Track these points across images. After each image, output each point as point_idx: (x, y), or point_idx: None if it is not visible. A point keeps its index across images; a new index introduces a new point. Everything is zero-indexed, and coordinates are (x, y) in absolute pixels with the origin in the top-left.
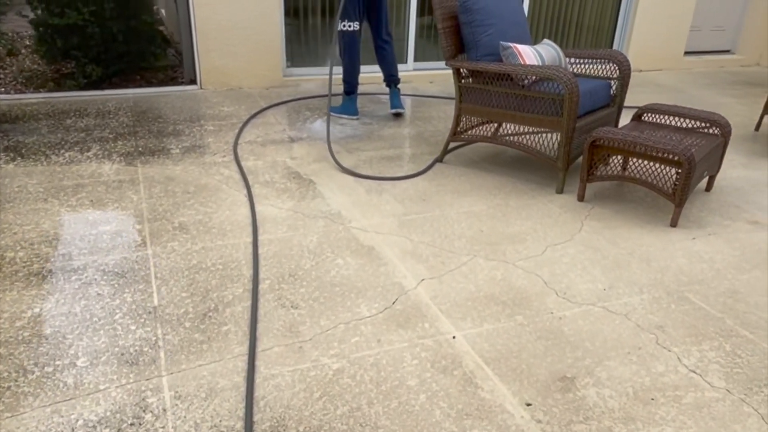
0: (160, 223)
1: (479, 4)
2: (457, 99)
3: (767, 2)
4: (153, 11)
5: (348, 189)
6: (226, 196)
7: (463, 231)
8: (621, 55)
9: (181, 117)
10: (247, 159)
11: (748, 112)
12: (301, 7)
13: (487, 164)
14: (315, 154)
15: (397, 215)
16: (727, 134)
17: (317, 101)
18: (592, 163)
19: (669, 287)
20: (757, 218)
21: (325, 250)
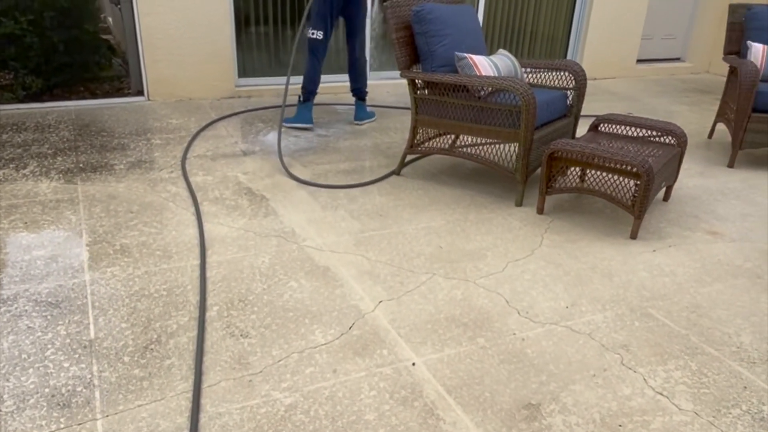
0: (100, 246)
1: (433, 13)
2: (413, 111)
3: (714, 12)
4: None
5: (303, 206)
6: (173, 215)
7: (422, 248)
8: (576, 65)
9: (127, 130)
10: (196, 174)
11: (701, 120)
12: (252, 16)
13: (445, 177)
14: (268, 168)
15: (353, 232)
16: (683, 144)
17: (271, 112)
18: (551, 175)
19: (632, 303)
20: (715, 228)
21: (277, 272)
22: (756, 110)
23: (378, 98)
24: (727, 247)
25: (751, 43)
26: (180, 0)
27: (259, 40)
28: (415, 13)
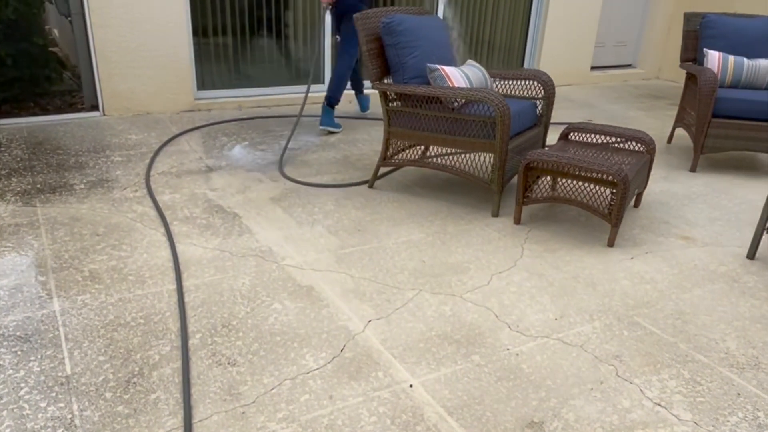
0: (68, 272)
1: (403, 25)
2: (385, 123)
3: (663, 20)
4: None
5: (278, 222)
6: (142, 237)
7: (405, 263)
8: (545, 75)
9: (84, 147)
10: (163, 192)
11: (658, 125)
12: (210, 27)
13: (418, 188)
14: (237, 184)
15: (333, 249)
16: (652, 151)
17: (233, 126)
18: (527, 185)
19: (618, 312)
20: (686, 233)
21: (259, 294)
22: (716, 116)
23: (343, 109)
24: (700, 251)
25: (707, 51)
26: (135, 11)
27: (217, 51)
28: (385, 24)
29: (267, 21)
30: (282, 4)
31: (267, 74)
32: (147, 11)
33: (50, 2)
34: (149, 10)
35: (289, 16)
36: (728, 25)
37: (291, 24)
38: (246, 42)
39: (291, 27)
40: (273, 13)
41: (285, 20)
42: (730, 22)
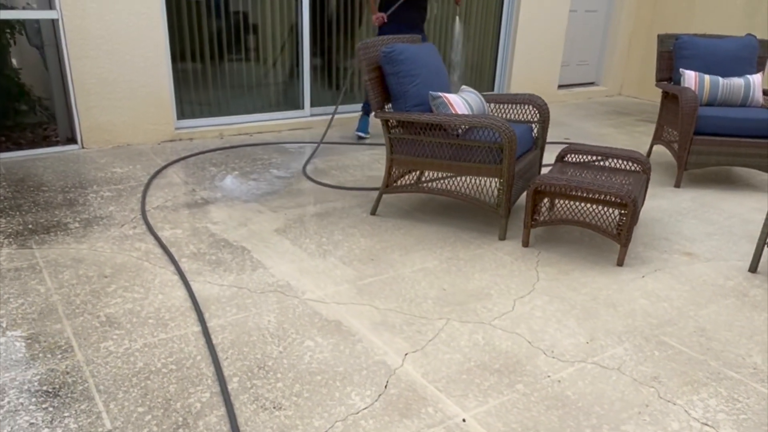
0: (83, 318)
1: (404, 54)
2: (387, 151)
3: (623, 38)
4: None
5: (289, 255)
6: (153, 276)
7: (426, 291)
8: (539, 99)
9: (69, 183)
10: (163, 228)
11: (632, 141)
12: (188, 54)
13: (420, 213)
14: (237, 216)
15: (351, 280)
16: (648, 170)
17: (219, 155)
18: (535, 209)
19: (644, 332)
20: (687, 249)
21: (288, 332)
22: (697, 133)
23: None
24: (705, 267)
25: (683, 71)
26: (113, 41)
27: (196, 79)
28: (385, 54)
29: (245, 47)
30: (260, 30)
31: (247, 101)
32: (126, 41)
33: (21, 34)
34: (128, 40)
35: (268, 42)
36: (701, 46)
37: (270, 50)
38: (225, 69)
39: (270, 53)
40: (251, 39)
41: (263, 46)
42: (703, 43)
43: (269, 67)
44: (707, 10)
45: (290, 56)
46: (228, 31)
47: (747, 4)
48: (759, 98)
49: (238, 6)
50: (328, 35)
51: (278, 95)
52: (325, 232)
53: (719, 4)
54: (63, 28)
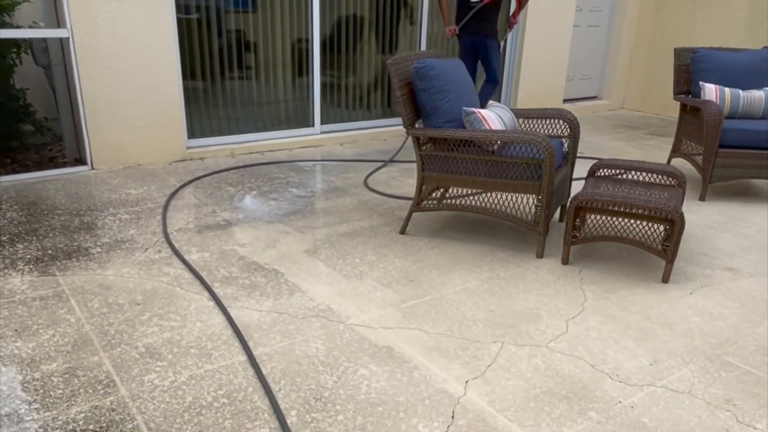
0: (121, 349)
1: (436, 69)
2: (418, 168)
3: (624, 52)
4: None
5: (324, 277)
6: (187, 303)
7: (473, 313)
8: (569, 114)
9: (84, 206)
10: (189, 252)
11: (645, 154)
12: (198, 72)
13: (450, 231)
14: (264, 238)
15: (394, 303)
16: (683, 185)
17: (234, 174)
18: (576, 225)
19: (705, 352)
20: (728, 264)
21: (339, 360)
22: (721, 146)
23: (336, 153)
24: (750, 282)
25: (703, 84)
26: (124, 60)
27: (206, 97)
28: (417, 69)
29: (255, 65)
30: (270, 47)
31: (257, 120)
32: (137, 60)
33: (26, 53)
34: (139, 58)
35: (278, 59)
36: (719, 59)
37: (279, 67)
38: (234, 87)
39: (280, 70)
40: (261, 56)
41: (273, 63)
42: (721, 56)
43: (279, 85)
44: (708, 23)
45: (300, 73)
46: (237, 48)
47: (749, 18)
48: None
49: (248, 23)
50: (338, 52)
51: (288, 113)
52: (357, 253)
53: (720, 17)
54: (73, 46)
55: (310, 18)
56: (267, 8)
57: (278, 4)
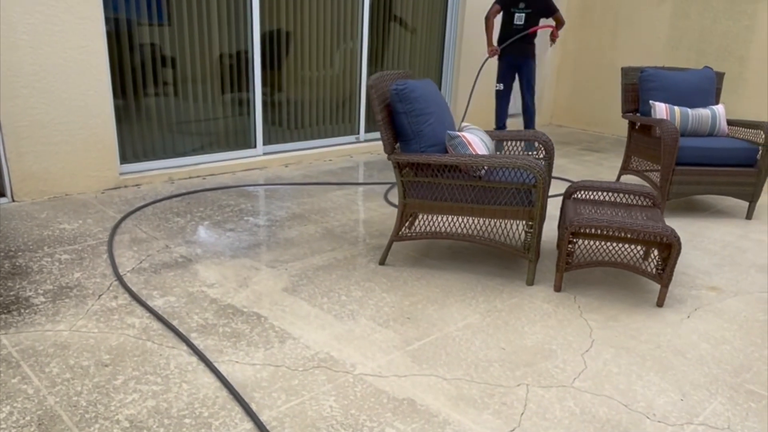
0: (100, 425)
1: (417, 92)
2: (400, 195)
3: (551, 70)
4: None
5: (313, 319)
6: (165, 360)
7: (485, 353)
8: (544, 135)
9: (11, 245)
10: (151, 296)
11: (588, 171)
12: (129, 88)
13: (431, 260)
14: (233, 275)
15: (398, 346)
16: (659, 204)
17: (178, 203)
18: (569, 251)
19: (726, 381)
20: (709, 283)
21: (359, 419)
22: (677, 164)
23: (282, 175)
24: (737, 302)
25: (654, 102)
26: (49, 78)
27: (139, 118)
28: (398, 91)
29: (192, 81)
30: (208, 62)
31: (195, 141)
32: (63, 78)
33: None
34: (65, 76)
35: (216, 75)
36: (666, 78)
37: (218, 84)
38: (170, 106)
39: (218, 87)
40: (198, 72)
41: (212, 80)
42: (667, 75)
43: (218, 103)
44: (630, 42)
45: (240, 89)
46: (173, 63)
47: (670, 37)
48: (725, 128)
49: (183, 36)
50: (278, 67)
51: (228, 133)
52: (340, 289)
53: (641, 36)
54: None
55: (250, 31)
56: (204, 20)
57: (215, 16)
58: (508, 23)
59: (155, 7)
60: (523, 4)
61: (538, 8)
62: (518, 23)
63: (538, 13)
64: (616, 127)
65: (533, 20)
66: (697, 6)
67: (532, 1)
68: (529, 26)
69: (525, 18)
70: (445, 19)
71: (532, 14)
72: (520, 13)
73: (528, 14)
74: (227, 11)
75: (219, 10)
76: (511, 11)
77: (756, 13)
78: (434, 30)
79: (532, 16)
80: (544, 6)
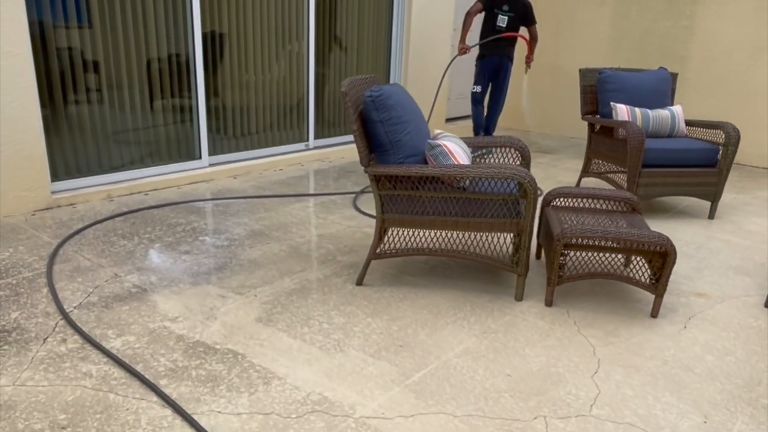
0: None
1: (393, 98)
2: (377, 210)
3: None
4: None
5: (296, 354)
6: (134, 416)
7: (491, 382)
8: (521, 142)
9: None
10: (106, 337)
11: (543, 173)
12: (58, 96)
13: (410, 277)
14: (197, 306)
15: (397, 380)
16: (639, 210)
17: (121, 223)
18: (561, 264)
19: (741, 396)
20: (695, 289)
21: None
22: (643, 165)
23: (232, 188)
24: (726, 308)
25: (615, 104)
26: None
27: (71, 129)
28: (374, 98)
29: (129, 88)
30: (145, 66)
31: (134, 153)
32: None
33: None
34: None
35: (154, 80)
36: (624, 80)
37: (158, 90)
38: (105, 115)
39: (158, 94)
40: (135, 78)
41: (151, 86)
42: (626, 77)
43: (157, 111)
44: (572, 43)
45: (182, 96)
46: (106, 67)
47: (611, 37)
48: (683, 128)
49: (117, 38)
50: (222, 71)
51: (170, 144)
52: (320, 316)
53: (583, 37)
54: None
55: (190, 32)
56: (139, 21)
57: (151, 16)
58: (491, 25)
59: (82, 8)
60: (506, 6)
61: (520, 14)
62: (501, 25)
63: (519, 20)
64: (561, 127)
65: (515, 25)
66: (636, 7)
67: (514, 6)
68: (509, 31)
69: (508, 21)
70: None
71: (514, 18)
72: (504, 15)
73: (511, 17)
74: (164, 11)
75: (156, 10)
76: (495, 12)
77: (695, 13)
78: (380, 30)
79: (515, 21)
80: (525, 13)
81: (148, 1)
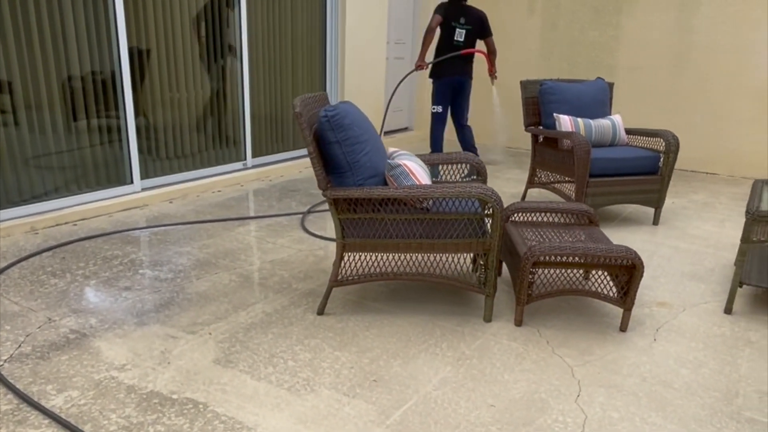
0: None
1: (349, 117)
2: (338, 235)
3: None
4: None
5: (263, 397)
6: None
7: (476, 415)
8: (476, 158)
9: None
10: (46, 394)
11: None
12: None
13: (372, 302)
14: (146, 350)
15: (377, 421)
16: (597, 222)
17: (50, 259)
18: (530, 283)
19: (723, 410)
20: (655, 299)
21: None
22: (590, 175)
23: (171, 213)
24: (689, 317)
25: (558, 115)
26: None
27: None
28: (329, 118)
29: (49, 108)
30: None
31: (58, 180)
32: None
33: None
34: None
35: (77, 99)
36: (565, 90)
37: (81, 108)
38: (23, 138)
39: (82, 113)
40: (55, 94)
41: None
42: (567, 87)
43: (82, 132)
44: (505, 55)
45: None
46: (23, 86)
47: (542, 49)
48: (624, 137)
49: (34, 53)
50: (151, 88)
51: (98, 168)
52: (283, 353)
53: (515, 49)
54: None
55: (115, 47)
56: (58, 35)
57: (72, 29)
58: (448, 40)
59: None
60: (463, 20)
61: (476, 28)
62: (459, 39)
63: (477, 33)
64: (495, 136)
65: (472, 39)
66: (564, 18)
67: (471, 19)
68: (467, 45)
69: (465, 35)
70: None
71: (471, 31)
72: (461, 29)
73: (468, 30)
74: (86, 24)
75: (76, 24)
76: (452, 25)
77: (620, 23)
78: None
79: (472, 34)
80: (480, 26)
81: (67, 13)
